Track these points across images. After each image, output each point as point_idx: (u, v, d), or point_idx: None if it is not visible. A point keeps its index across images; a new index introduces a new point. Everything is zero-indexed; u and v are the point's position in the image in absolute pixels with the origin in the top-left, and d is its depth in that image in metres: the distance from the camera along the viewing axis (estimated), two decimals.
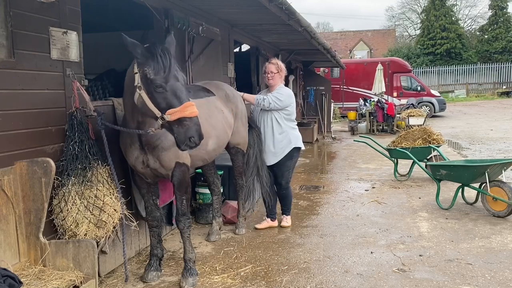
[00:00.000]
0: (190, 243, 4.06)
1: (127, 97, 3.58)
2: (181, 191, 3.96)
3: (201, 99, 4.44)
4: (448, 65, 37.45)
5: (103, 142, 3.62)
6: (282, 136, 5.30)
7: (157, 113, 3.30)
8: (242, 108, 5.16)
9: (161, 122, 3.31)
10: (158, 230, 4.18)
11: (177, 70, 3.35)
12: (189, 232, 4.05)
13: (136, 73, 3.36)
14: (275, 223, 5.58)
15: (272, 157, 5.35)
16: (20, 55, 3.22)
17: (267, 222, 5.56)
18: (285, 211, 5.62)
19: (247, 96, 5.36)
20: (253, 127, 5.37)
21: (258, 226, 5.55)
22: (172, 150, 3.77)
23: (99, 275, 3.85)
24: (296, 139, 5.37)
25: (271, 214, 5.59)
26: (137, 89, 3.37)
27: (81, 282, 3.11)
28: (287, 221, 5.60)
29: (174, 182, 3.93)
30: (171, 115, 3.22)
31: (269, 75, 5.34)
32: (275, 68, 5.32)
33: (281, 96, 5.24)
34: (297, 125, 5.55)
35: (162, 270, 4.25)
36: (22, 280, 2.80)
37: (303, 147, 5.52)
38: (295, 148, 5.35)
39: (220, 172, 5.75)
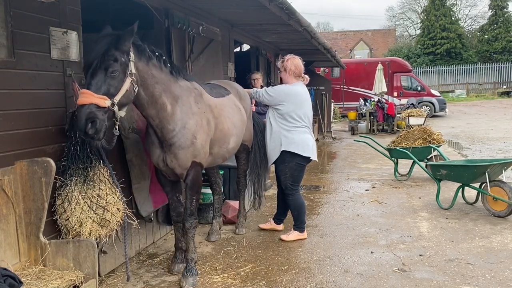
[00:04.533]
0: (193, 243, 4.10)
1: None
2: (193, 190, 4.00)
3: (224, 97, 4.59)
4: (448, 65, 37.45)
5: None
6: (273, 137, 4.95)
7: None
8: (250, 104, 5.29)
9: None
10: (181, 224, 4.24)
11: (97, 57, 3.11)
12: (194, 232, 4.10)
13: None
14: (279, 227, 5.40)
15: (268, 157, 5.14)
16: (20, 55, 3.23)
17: (271, 224, 5.46)
18: (294, 223, 5.14)
19: (246, 90, 5.28)
20: (254, 124, 5.43)
21: (261, 225, 5.51)
22: (189, 149, 3.82)
23: (99, 275, 3.85)
24: (288, 142, 4.84)
25: (276, 218, 5.46)
26: None
27: (81, 282, 3.12)
28: (287, 235, 5.09)
29: (188, 182, 3.96)
30: None
31: (279, 73, 5.21)
32: (281, 66, 5.06)
33: (272, 91, 4.94)
34: (300, 127, 4.91)
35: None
36: (22, 280, 2.80)
37: (301, 153, 4.85)
38: (285, 152, 4.86)
39: (221, 172, 5.75)
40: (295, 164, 4.90)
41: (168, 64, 3.74)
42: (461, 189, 6.14)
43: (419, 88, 22.15)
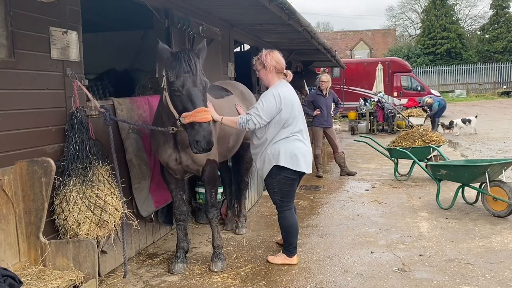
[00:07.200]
0: (218, 231, 4.37)
1: (160, 97, 3.89)
2: (211, 184, 4.25)
3: (222, 98, 4.74)
4: (448, 65, 37.44)
5: (105, 139, 3.67)
6: (258, 150, 4.30)
7: (176, 114, 3.56)
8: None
9: (179, 124, 3.55)
10: (184, 223, 4.38)
11: (198, 75, 3.51)
12: (217, 222, 4.38)
13: (164, 76, 3.61)
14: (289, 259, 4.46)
15: (260, 174, 4.51)
16: (20, 55, 3.22)
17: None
18: (283, 245, 4.47)
19: (227, 121, 4.22)
20: None
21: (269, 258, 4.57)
22: None
23: (99, 275, 3.85)
24: (275, 154, 4.15)
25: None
26: (163, 91, 3.66)
27: (81, 282, 3.11)
28: (274, 256, 4.47)
29: (205, 178, 4.21)
30: (185, 118, 3.46)
31: (257, 73, 4.38)
32: (259, 63, 4.30)
33: (263, 105, 4.09)
34: (290, 136, 4.19)
35: (188, 262, 4.41)
36: (22, 279, 2.80)
37: (289, 167, 4.13)
38: (276, 166, 4.16)
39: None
40: (283, 177, 4.20)
41: None
42: (461, 189, 6.14)
43: (419, 88, 22.12)
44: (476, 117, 14.62)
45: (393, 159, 8.19)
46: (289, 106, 4.15)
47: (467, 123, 14.48)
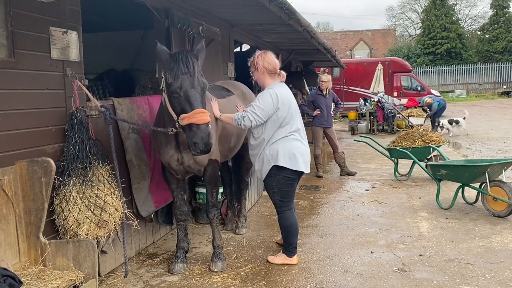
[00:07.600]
0: (218, 231, 4.37)
1: (161, 98, 3.89)
2: (212, 185, 4.24)
3: (224, 98, 4.76)
4: (448, 65, 37.45)
5: (105, 139, 3.68)
6: (256, 152, 4.28)
7: (174, 116, 3.56)
8: None
9: (177, 125, 3.55)
10: (185, 224, 4.38)
11: (196, 76, 3.49)
12: (217, 222, 4.38)
13: (162, 77, 3.60)
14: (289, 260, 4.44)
15: (259, 175, 4.43)
16: (20, 55, 3.22)
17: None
18: (283, 245, 4.47)
19: (224, 117, 4.28)
20: None
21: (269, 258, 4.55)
22: None
23: (99, 275, 3.85)
24: (274, 155, 4.13)
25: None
26: (163, 92, 3.66)
27: (81, 282, 3.11)
28: (274, 256, 4.46)
29: (206, 178, 4.20)
30: (183, 119, 3.45)
31: (252, 74, 4.38)
32: (252, 65, 4.33)
33: (260, 103, 4.10)
34: (287, 136, 4.18)
35: (188, 262, 4.42)
36: (22, 279, 2.80)
37: (288, 166, 4.12)
38: (275, 166, 4.15)
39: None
40: (283, 177, 4.19)
41: None
42: (461, 189, 6.14)
43: (419, 88, 22.13)
44: (464, 118, 14.43)
45: (393, 159, 8.19)
46: (286, 105, 4.16)
47: (454, 124, 14.26)
